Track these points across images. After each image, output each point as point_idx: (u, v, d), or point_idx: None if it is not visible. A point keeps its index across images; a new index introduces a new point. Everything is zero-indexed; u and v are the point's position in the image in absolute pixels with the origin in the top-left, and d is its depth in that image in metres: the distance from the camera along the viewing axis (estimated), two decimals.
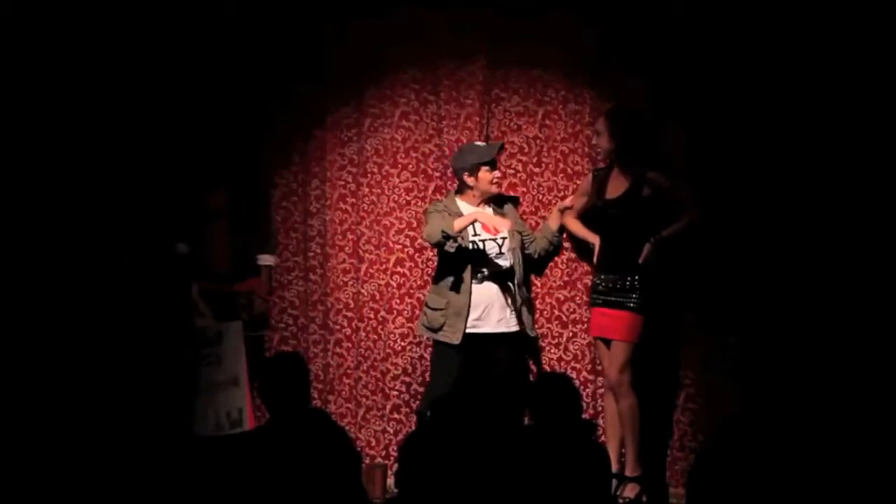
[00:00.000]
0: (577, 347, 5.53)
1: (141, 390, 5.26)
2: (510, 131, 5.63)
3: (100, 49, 5.44)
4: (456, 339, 5.15)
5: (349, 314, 5.71)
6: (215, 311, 5.52)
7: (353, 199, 5.73)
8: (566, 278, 5.55)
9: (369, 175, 5.70)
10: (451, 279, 5.18)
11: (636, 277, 5.09)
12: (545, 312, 5.56)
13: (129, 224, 5.51)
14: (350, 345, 5.71)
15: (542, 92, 5.61)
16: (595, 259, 5.26)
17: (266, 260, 5.68)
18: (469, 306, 5.15)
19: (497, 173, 5.29)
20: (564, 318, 5.55)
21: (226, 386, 5.35)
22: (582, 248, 5.47)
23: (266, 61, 5.69)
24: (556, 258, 5.55)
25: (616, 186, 5.19)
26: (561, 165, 5.57)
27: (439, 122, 5.67)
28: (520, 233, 5.33)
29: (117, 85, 5.48)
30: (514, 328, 5.24)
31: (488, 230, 5.22)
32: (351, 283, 5.71)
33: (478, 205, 5.28)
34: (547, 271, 5.57)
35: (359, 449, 5.10)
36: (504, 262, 5.22)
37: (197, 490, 4.36)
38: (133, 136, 5.52)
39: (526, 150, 5.61)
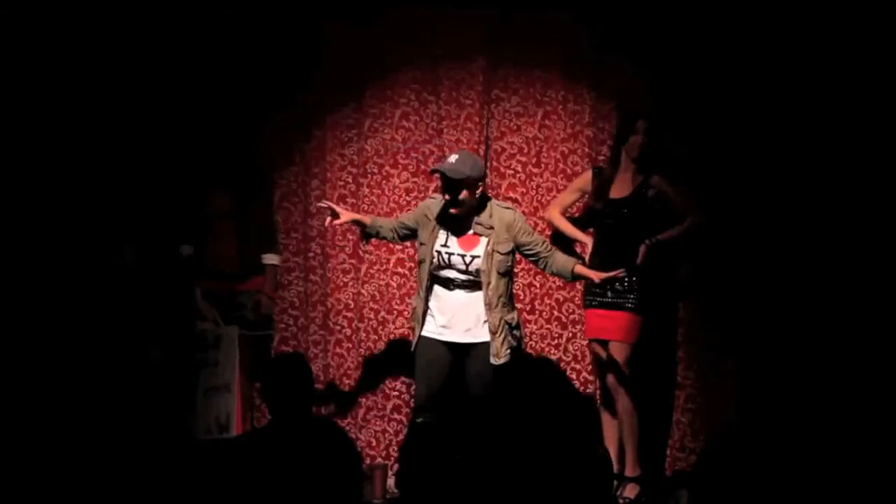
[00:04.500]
0: (576, 348, 5.54)
1: (140, 392, 5.27)
2: (510, 131, 5.63)
3: (101, 51, 5.45)
4: (413, 344, 4.97)
5: (349, 314, 5.72)
6: (221, 313, 5.52)
7: (354, 200, 5.73)
8: None
9: (369, 175, 5.70)
10: (420, 287, 4.94)
11: (634, 278, 5.08)
12: (544, 313, 5.57)
13: (132, 226, 5.52)
14: (350, 345, 5.72)
15: (542, 92, 5.61)
16: (587, 259, 5.24)
17: (271, 259, 5.67)
18: (426, 312, 4.88)
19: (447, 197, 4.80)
20: (564, 319, 5.56)
21: (219, 391, 5.35)
22: (572, 247, 5.47)
23: (266, 61, 5.69)
24: None
25: (621, 187, 5.17)
26: (560, 166, 5.58)
27: (439, 122, 5.67)
28: (510, 253, 4.86)
29: (119, 86, 5.50)
30: (483, 339, 4.84)
31: (463, 246, 4.84)
32: (351, 283, 5.72)
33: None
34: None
35: (359, 449, 5.10)
36: (463, 277, 4.82)
37: (197, 491, 4.36)
38: (135, 138, 5.53)
39: (525, 150, 5.61)
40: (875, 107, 5.12)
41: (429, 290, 4.89)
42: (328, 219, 5.06)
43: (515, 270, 5.54)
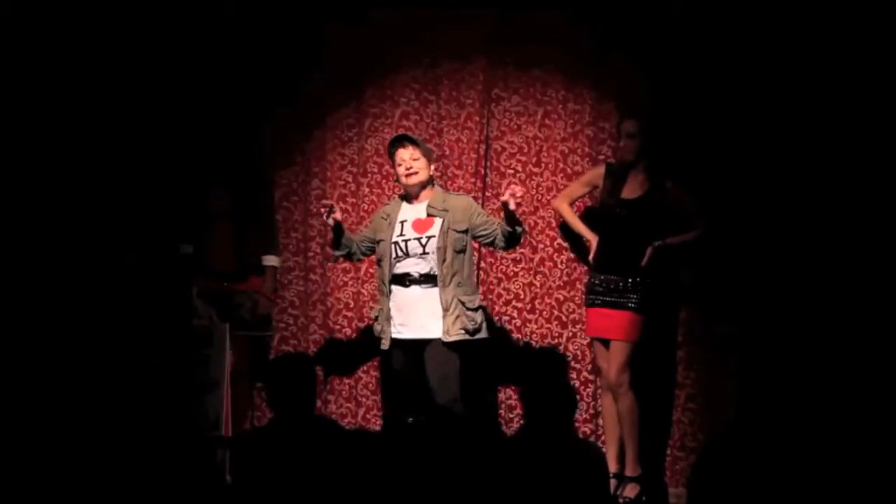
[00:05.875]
0: (576, 347, 5.54)
1: (136, 389, 5.27)
2: (510, 131, 5.64)
3: (102, 50, 5.45)
4: (385, 345, 4.86)
5: (349, 314, 5.72)
6: (219, 312, 5.52)
7: (354, 199, 5.74)
8: (566, 278, 5.55)
9: (369, 175, 5.71)
10: (383, 285, 4.89)
11: (637, 278, 5.08)
12: (544, 313, 5.57)
13: (132, 224, 5.53)
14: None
15: (542, 92, 5.62)
16: (591, 257, 5.24)
17: (270, 260, 5.66)
18: (390, 311, 4.83)
19: (402, 167, 4.86)
20: (564, 319, 5.56)
21: (209, 387, 5.35)
22: (578, 246, 5.47)
23: (266, 61, 5.70)
24: (556, 258, 5.55)
25: (633, 188, 5.14)
26: (560, 165, 5.58)
27: (439, 122, 5.68)
28: (465, 232, 4.83)
29: (120, 85, 5.50)
30: (435, 335, 4.75)
31: (418, 229, 4.83)
32: (351, 282, 5.72)
33: (414, 201, 4.91)
34: (546, 271, 5.58)
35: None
36: (420, 269, 4.79)
37: (198, 491, 4.36)
38: (136, 137, 5.54)
39: (525, 149, 5.62)
40: (875, 108, 5.11)
41: (389, 291, 4.84)
42: (330, 215, 4.92)
43: (515, 269, 5.57)
